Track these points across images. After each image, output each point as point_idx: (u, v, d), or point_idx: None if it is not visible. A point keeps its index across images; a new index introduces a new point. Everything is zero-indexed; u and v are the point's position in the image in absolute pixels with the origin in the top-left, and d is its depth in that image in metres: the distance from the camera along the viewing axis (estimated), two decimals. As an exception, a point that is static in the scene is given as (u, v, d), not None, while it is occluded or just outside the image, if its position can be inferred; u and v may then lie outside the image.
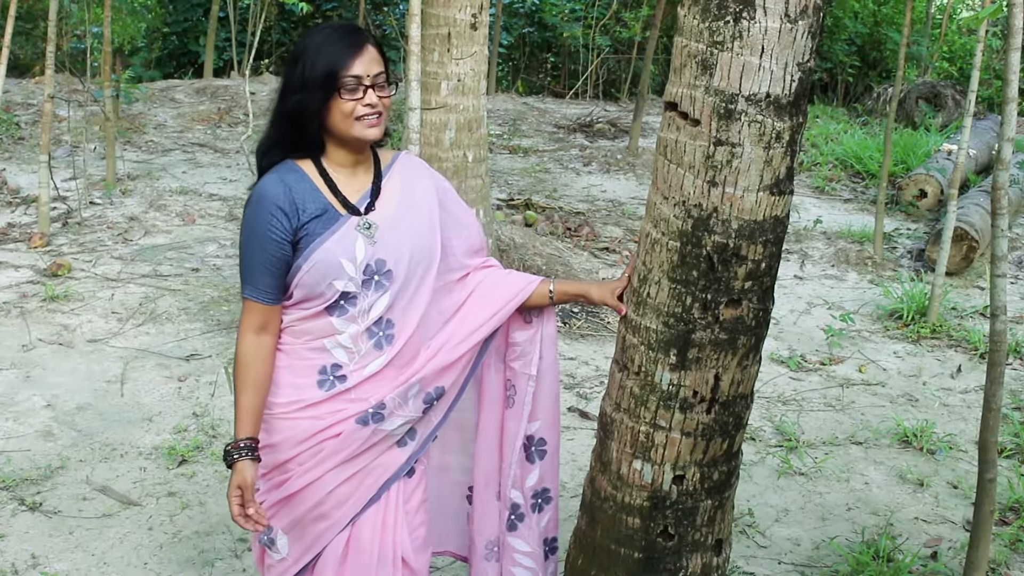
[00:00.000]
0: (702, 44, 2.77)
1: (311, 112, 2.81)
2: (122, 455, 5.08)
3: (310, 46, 2.81)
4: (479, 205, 7.48)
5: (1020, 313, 7.88)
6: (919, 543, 4.74)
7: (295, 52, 2.84)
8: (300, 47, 2.83)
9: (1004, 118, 3.98)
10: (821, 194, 11.30)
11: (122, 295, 6.95)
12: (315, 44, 2.80)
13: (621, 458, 3.16)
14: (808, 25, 2.73)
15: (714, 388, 3.01)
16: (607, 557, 3.25)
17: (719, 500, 3.20)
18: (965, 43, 17.74)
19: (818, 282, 8.53)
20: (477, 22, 7.12)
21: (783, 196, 2.87)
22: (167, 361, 6.08)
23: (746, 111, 2.75)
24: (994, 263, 3.98)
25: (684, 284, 2.91)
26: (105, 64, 9.22)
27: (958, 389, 6.53)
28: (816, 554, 4.63)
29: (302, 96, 2.79)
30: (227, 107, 13.02)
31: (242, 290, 2.87)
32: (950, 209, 7.46)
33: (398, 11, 16.30)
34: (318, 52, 2.79)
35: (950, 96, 14.14)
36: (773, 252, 2.92)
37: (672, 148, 2.89)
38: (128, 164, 10.10)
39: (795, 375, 6.60)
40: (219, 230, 8.51)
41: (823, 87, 17.73)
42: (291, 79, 2.82)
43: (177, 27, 16.33)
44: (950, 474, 5.43)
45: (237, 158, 10.81)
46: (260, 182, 2.86)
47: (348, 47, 2.80)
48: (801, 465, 5.42)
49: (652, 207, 3.00)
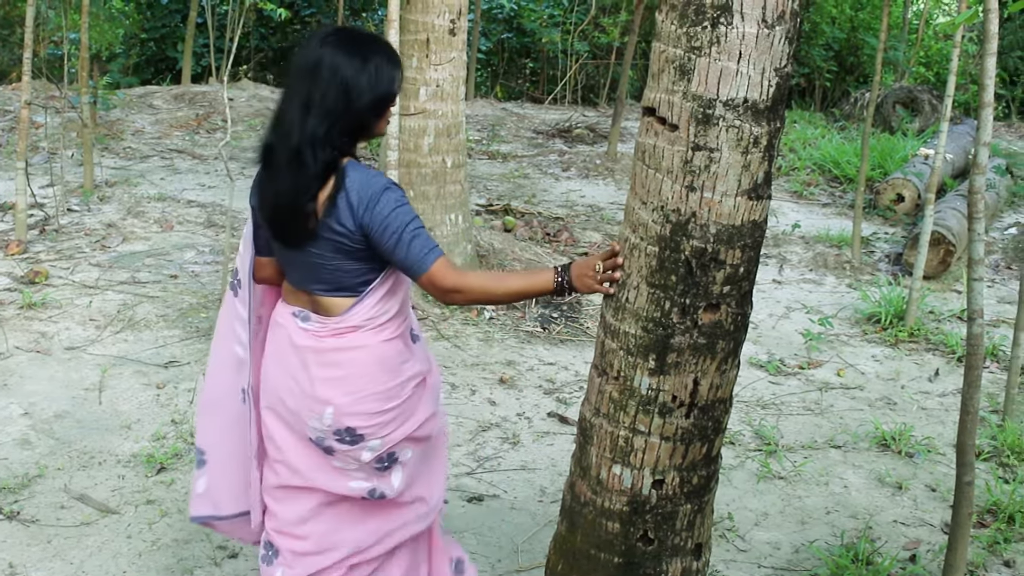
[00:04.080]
0: (680, 49, 2.78)
1: (381, 113, 3.14)
2: (100, 463, 5.05)
3: (380, 62, 3.08)
4: (458, 211, 7.48)
5: (997, 316, 7.92)
6: (898, 546, 4.76)
7: (358, 64, 3.04)
8: (365, 61, 3.05)
9: (980, 122, 4.01)
10: (799, 199, 11.34)
11: (100, 302, 6.92)
12: (379, 60, 3.07)
13: (601, 463, 3.17)
14: (785, 30, 2.75)
15: (693, 392, 3.01)
16: (587, 562, 3.25)
17: (698, 504, 3.20)
18: (941, 48, 17.84)
19: (796, 286, 8.56)
20: (455, 28, 7.13)
21: (761, 201, 2.88)
22: (145, 368, 6.05)
23: (724, 116, 2.76)
24: (971, 267, 4.01)
25: (663, 289, 2.92)
26: (83, 70, 9.19)
27: (936, 392, 6.56)
28: (795, 558, 4.64)
29: (374, 106, 3.08)
30: (205, 113, 12.99)
31: (431, 262, 3.04)
32: (927, 213, 7.49)
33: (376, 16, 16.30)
34: (381, 69, 3.07)
35: (927, 101, 14.21)
36: (751, 256, 2.93)
37: (650, 153, 2.90)
38: (106, 171, 10.06)
39: (774, 379, 6.62)
40: (197, 236, 8.48)
41: (801, 92, 17.80)
42: (362, 90, 3.04)
43: (155, 33, 16.28)
44: (928, 477, 5.45)
45: (216, 164, 10.79)
46: (370, 172, 3.08)
47: (393, 52, 3.17)
48: (780, 469, 5.43)
49: (631, 212, 3.01)
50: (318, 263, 3.13)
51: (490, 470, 5.20)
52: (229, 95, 9.62)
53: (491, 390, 6.07)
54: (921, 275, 7.52)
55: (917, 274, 7.47)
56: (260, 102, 13.58)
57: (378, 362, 3.20)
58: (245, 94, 13.94)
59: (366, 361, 3.19)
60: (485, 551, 4.49)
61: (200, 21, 15.04)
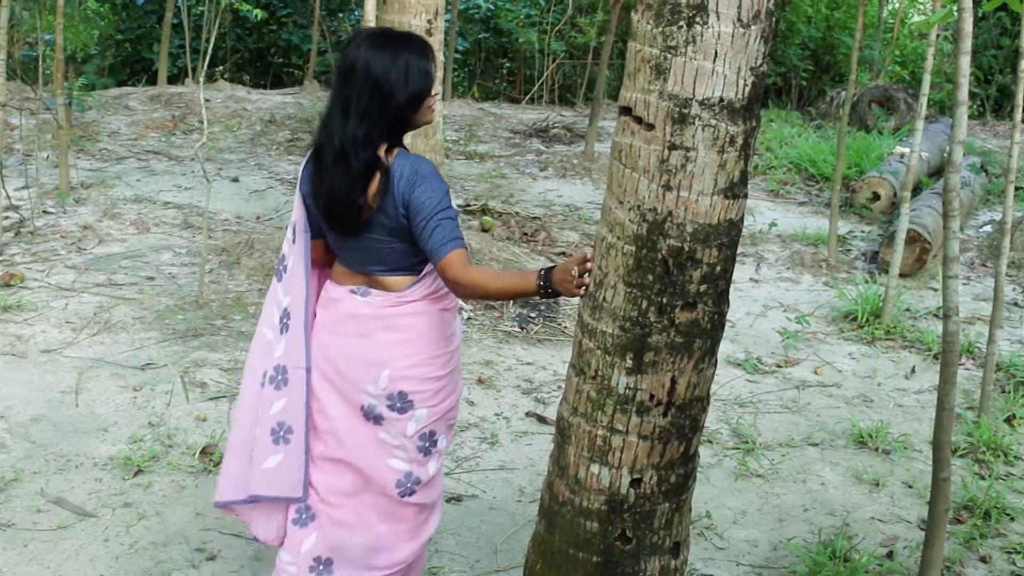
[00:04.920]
0: (656, 49, 2.79)
1: (418, 107, 3.35)
2: (77, 466, 5.03)
3: (409, 58, 3.29)
4: (436, 211, 7.47)
5: (973, 314, 7.96)
6: (875, 543, 4.78)
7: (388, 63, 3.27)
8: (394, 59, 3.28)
9: (955, 121, 4.03)
10: (776, 197, 11.37)
11: (76, 305, 6.89)
12: (408, 57, 3.29)
13: (579, 462, 3.17)
14: (761, 30, 2.76)
15: (670, 391, 3.02)
16: (565, 561, 3.26)
17: (676, 503, 3.21)
18: (916, 47, 17.92)
19: (773, 285, 8.59)
20: (432, 28, 7.13)
21: (737, 200, 2.89)
22: (122, 371, 6.03)
23: (700, 115, 2.77)
24: (946, 264, 4.02)
25: (640, 288, 2.93)
26: (57, 72, 9.15)
27: (912, 390, 6.59)
28: (774, 555, 4.65)
29: (408, 102, 3.30)
30: (182, 114, 12.94)
31: (448, 250, 3.21)
32: (903, 211, 7.52)
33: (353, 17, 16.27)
34: (411, 65, 3.29)
35: (902, 100, 14.27)
36: (728, 255, 2.94)
37: (627, 153, 2.90)
38: (81, 172, 10.01)
39: (751, 377, 6.64)
40: (174, 238, 8.46)
41: (777, 91, 17.85)
42: (395, 89, 3.26)
43: (130, 34, 16.20)
44: (905, 474, 5.48)
45: (192, 166, 10.75)
46: (407, 156, 3.31)
47: (427, 49, 3.39)
48: (758, 467, 5.45)
49: (607, 211, 3.01)
50: (376, 246, 3.37)
51: (469, 470, 5.20)
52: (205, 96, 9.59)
53: (469, 390, 6.07)
54: (897, 273, 7.56)
55: (893, 272, 7.50)
56: (236, 103, 13.54)
57: (436, 328, 3.45)
58: (221, 95, 13.90)
59: (426, 326, 3.43)
60: (464, 551, 4.49)
61: (176, 22, 14.97)
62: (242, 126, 12.62)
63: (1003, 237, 6.02)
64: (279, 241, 7.84)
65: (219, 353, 6.35)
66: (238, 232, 8.59)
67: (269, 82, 16.64)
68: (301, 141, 12.21)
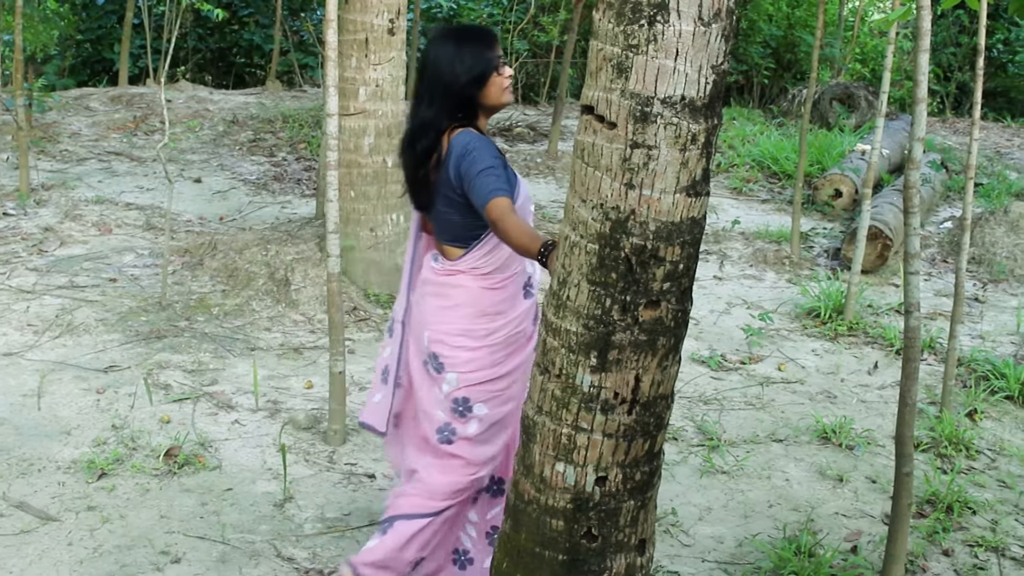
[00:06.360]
0: (617, 48, 2.79)
1: (479, 88, 3.71)
2: (40, 470, 4.99)
3: (467, 45, 3.70)
4: (399, 210, 7.47)
5: (934, 309, 8.02)
6: (839, 537, 4.81)
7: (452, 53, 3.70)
8: (457, 49, 3.70)
9: (914, 118, 4.06)
10: (739, 195, 11.42)
11: (38, 307, 6.84)
12: (470, 45, 3.70)
13: (544, 461, 3.17)
14: (722, 28, 2.76)
15: (635, 389, 3.03)
16: (532, 560, 3.26)
17: (642, 500, 3.22)
18: (877, 45, 18.04)
19: (737, 282, 8.62)
20: (395, 27, 7.11)
21: (699, 198, 2.90)
22: (85, 373, 5.99)
23: (662, 114, 2.77)
24: (907, 260, 4.06)
25: (603, 286, 2.93)
26: (17, 72, 9.07)
27: (875, 385, 6.64)
28: (739, 551, 4.68)
29: (471, 84, 3.69)
30: (143, 115, 12.86)
31: (489, 198, 3.48)
32: (864, 208, 7.57)
33: (315, 16, 16.21)
34: (469, 52, 3.69)
35: (863, 97, 14.36)
36: (691, 253, 2.95)
37: (589, 151, 2.91)
38: (42, 174, 9.94)
39: (716, 375, 6.67)
40: (136, 239, 8.41)
41: (739, 89, 17.92)
42: (456, 74, 3.67)
43: (91, 34, 16.07)
44: (868, 469, 5.52)
45: (154, 166, 10.69)
46: (467, 134, 3.66)
47: (487, 37, 3.77)
48: (723, 464, 5.47)
49: (570, 210, 3.01)
50: (441, 217, 3.80)
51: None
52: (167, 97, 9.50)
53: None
54: (859, 269, 7.61)
55: (855, 268, 7.55)
56: (198, 103, 13.47)
57: (476, 302, 3.77)
58: (183, 95, 13.82)
59: (465, 299, 3.78)
60: (430, 551, 4.48)
61: (137, 22, 14.86)
62: (204, 127, 12.56)
63: (963, 233, 6.07)
64: (242, 242, 7.81)
65: (182, 355, 6.32)
66: (201, 233, 8.55)
67: (231, 82, 16.55)
68: (264, 141, 12.17)
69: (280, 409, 5.76)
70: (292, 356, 6.50)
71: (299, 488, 4.97)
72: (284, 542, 4.52)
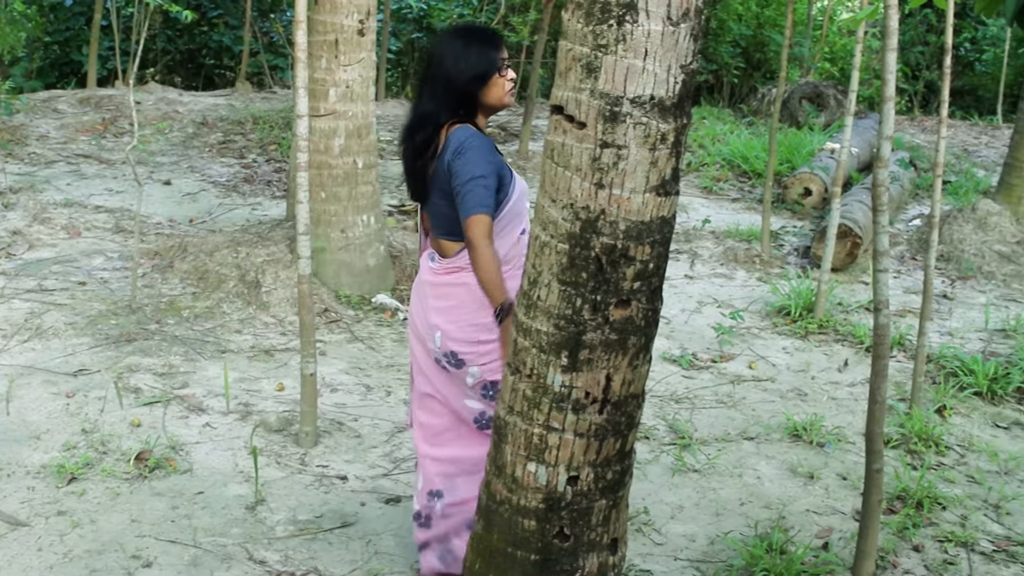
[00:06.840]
0: (586, 47, 2.80)
1: (480, 87, 3.77)
2: (9, 475, 4.96)
3: (472, 45, 3.77)
4: (370, 212, 7.46)
5: (903, 307, 8.07)
6: (811, 534, 4.83)
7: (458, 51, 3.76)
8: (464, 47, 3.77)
9: (883, 117, 4.09)
10: (709, 194, 11.46)
11: (6, 311, 6.80)
12: (474, 45, 3.77)
13: (516, 461, 3.18)
14: (690, 28, 2.78)
15: (606, 389, 3.03)
16: (504, 560, 3.26)
17: (614, 499, 3.22)
18: (845, 44, 18.13)
19: (708, 281, 8.65)
20: (364, 28, 7.10)
21: (669, 197, 2.91)
22: (54, 377, 5.95)
23: (631, 113, 2.78)
24: (876, 258, 4.08)
25: (574, 286, 2.94)
26: (-17, 75, 9.01)
27: (845, 383, 6.67)
28: (711, 549, 4.69)
29: (472, 81, 3.74)
30: (112, 117, 12.79)
31: (471, 213, 3.60)
32: (834, 207, 7.61)
33: (285, 17, 16.16)
34: (474, 51, 3.75)
35: (832, 96, 14.43)
36: (661, 252, 2.96)
37: (559, 151, 2.91)
38: (10, 177, 9.87)
39: (687, 373, 6.69)
40: (106, 242, 8.36)
41: (709, 88, 17.98)
42: (460, 71, 3.74)
43: (59, 36, 15.97)
44: (839, 466, 5.54)
45: (123, 169, 10.63)
46: (466, 130, 3.73)
47: (494, 38, 3.84)
48: (695, 462, 5.49)
49: (541, 210, 3.02)
50: (436, 210, 3.85)
51: (407, 471, 5.19)
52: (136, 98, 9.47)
53: (406, 391, 6.06)
54: (829, 267, 7.65)
55: (825, 267, 7.59)
56: (167, 105, 13.41)
57: (477, 297, 3.75)
58: (152, 97, 13.76)
59: (466, 297, 3.79)
60: (403, 552, 4.48)
61: (105, 24, 14.79)
62: (174, 128, 12.50)
63: (932, 231, 6.10)
64: (212, 244, 7.78)
65: (152, 358, 6.29)
66: (171, 236, 8.51)
67: (201, 84, 16.50)
68: (233, 143, 12.12)
69: (251, 412, 5.74)
70: (263, 358, 6.48)
71: (271, 491, 4.95)
72: (256, 545, 4.50)
